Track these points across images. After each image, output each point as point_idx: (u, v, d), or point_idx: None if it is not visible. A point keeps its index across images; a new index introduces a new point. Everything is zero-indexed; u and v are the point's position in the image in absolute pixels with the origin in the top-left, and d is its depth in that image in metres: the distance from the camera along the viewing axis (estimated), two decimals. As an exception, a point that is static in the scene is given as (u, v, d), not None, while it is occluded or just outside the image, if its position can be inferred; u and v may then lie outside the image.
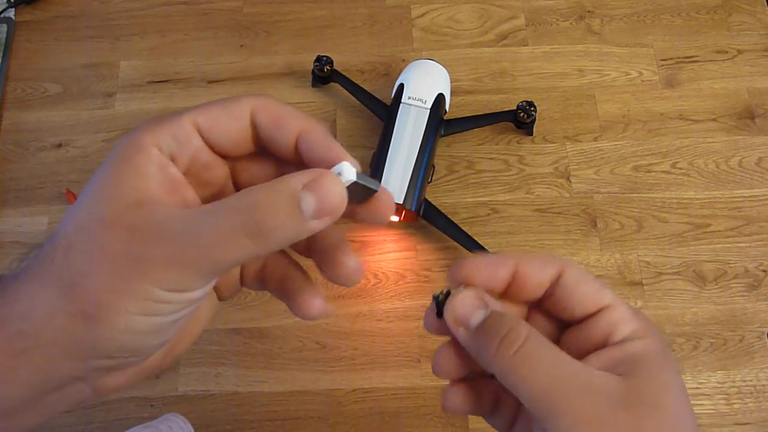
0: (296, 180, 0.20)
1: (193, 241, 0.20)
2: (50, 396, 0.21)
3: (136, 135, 0.21)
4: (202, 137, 0.23)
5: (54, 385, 0.21)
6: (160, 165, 0.21)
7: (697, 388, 0.54)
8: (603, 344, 0.24)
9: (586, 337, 0.25)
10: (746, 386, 0.54)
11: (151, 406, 0.52)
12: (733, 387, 0.54)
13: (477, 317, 0.24)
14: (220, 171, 0.24)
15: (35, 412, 0.22)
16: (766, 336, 0.55)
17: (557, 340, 0.26)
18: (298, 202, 0.20)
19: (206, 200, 0.24)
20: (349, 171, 0.21)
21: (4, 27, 0.67)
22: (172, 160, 0.22)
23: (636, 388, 0.22)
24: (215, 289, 0.27)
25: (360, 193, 0.23)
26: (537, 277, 0.25)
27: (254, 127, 0.23)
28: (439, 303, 0.26)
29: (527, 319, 0.27)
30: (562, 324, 0.26)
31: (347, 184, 0.21)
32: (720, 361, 0.54)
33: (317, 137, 0.23)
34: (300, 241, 0.21)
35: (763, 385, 0.54)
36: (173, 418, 0.48)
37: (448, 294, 0.26)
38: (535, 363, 0.22)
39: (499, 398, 0.27)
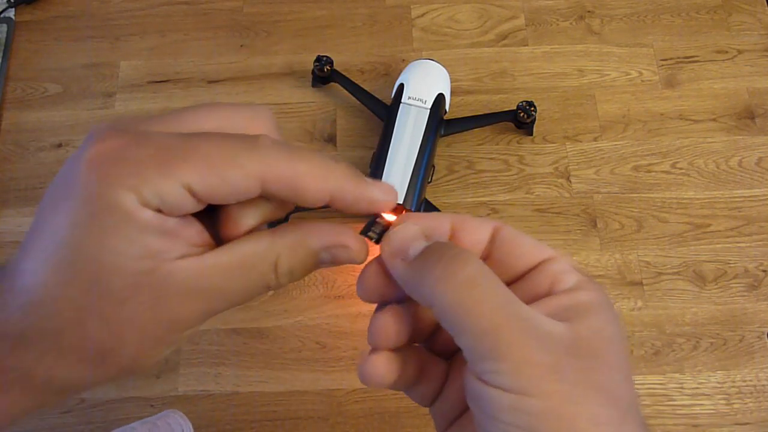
0: (319, 242, 0.22)
1: (219, 295, 0.21)
2: None
3: (117, 193, 0.18)
4: (194, 198, 0.20)
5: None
6: (155, 226, 0.19)
7: (697, 388, 0.54)
8: (547, 294, 0.22)
9: (530, 288, 0.23)
10: (746, 386, 0.54)
11: (151, 406, 0.52)
12: (733, 387, 0.54)
13: (417, 246, 0.22)
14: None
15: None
16: (766, 336, 0.55)
17: None
18: (317, 259, 0.22)
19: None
20: (375, 231, 0.24)
21: (4, 27, 0.67)
22: (160, 210, 0.19)
23: (583, 338, 0.21)
24: None
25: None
26: (474, 235, 0.24)
27: (264, 194, 0.21)
28: (376, 223, 0.24)
29: None
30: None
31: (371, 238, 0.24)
32: (720, 361, 0.54)
33: (351, 198, 0.22)
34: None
35: (763, 385, 0.54)
36: (172, 415, 0.48)
37: (384, 227, 0.24)
38: (483, 295, 0.20)
39: (424, 369, 0.25)
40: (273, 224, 0.23)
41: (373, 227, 0.24)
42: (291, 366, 0.54)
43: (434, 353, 0.26)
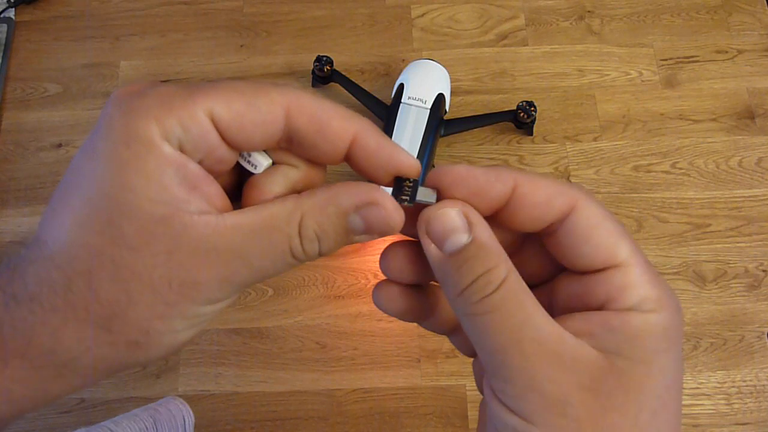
0: (349, 200, 0.20)
1: (241, 259, 0.19)
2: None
3: (138, 124, 0.18)
4: (219, 132, 0.19)
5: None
6: (176, 165, 0.18)
7: (697, 388, 0.54)
8: (599, 307, 0.20)
9: (582, 294, 0.20)
10: (746, 386, 0.54)
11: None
12: (733, 387, 0.54)
13: (455, 241, 0.19)
14: (231, 157, 0.20)
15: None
16: (766, 336, 0.55)
17: (549, 280, 0.22)
18: (347, 224, 0.20)
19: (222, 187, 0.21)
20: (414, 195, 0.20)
21: (4, 27, 0.67)
22: (182, 150, 0.19)
23: (615, 370, 0.18)
24: None
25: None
26: (539, 210, 0.20)
27: (288, 131, 0.20)
28: (404, 185, 0.21)
29: (514, 249, 0.23)
30: (556, 266, 0.22)
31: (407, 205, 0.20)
32: (720, 361, 0.54)
33: (374, 144, 0.20)
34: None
35: (763, 385, 0.54)
36: (173, 401, 0.48)
37: (415, 183, 0.21)
38: (504, 315, 0.19)
39: (437, 304, 0.23)
40: None
41: (404, 189, 0.21)
42: (291, 366, 0.54)
43: None
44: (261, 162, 0.20)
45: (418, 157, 0.54)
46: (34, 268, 0.18)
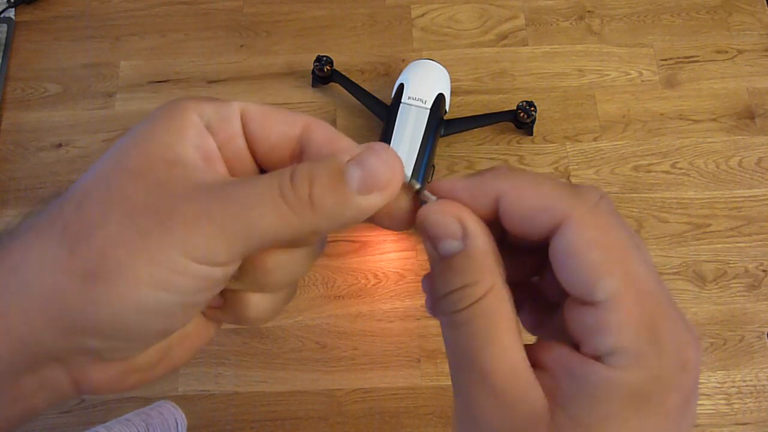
0: (344, 153, 0.19)
1: (228, 198, 0.17)
2: (24, 379, 0.18)
3: (179, 100, 0.20)
4: (244, 128, 0.20)
5: (27, 360, 0.18)
6: (199, 132, 0.19)
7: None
8: (576, 343, 0.18)
9: (568, 321, 0.19)
10: (746, 386, 0.54)
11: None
12: (733, 387, 0.54)
13: (447, 246, 0.19)
14: (250, 167, 0.21)
15: (7, 397, 0.18)
16: (766, 336, 0.55)
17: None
18: (342, 172, 0.18)
19: None
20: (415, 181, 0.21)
21: (4, 27, 0.67)
22: (210, 132, 0.20)
23: (554, 427, 0.17)
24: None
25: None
26: (523, 225, 0.19)
27: (302, 144, 0.20)
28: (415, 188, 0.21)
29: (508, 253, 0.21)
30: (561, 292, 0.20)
31: (414, 185, 0.21)
32: (720, 361, 0.54)
33: (323, 133, 0.21)
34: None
35: (763, 385, 0.54)
36: (165, 405, 0.48)
37: (420, 187, 0.21)
38: (469, 333, 0.18)
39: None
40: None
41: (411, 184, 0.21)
42: (291, 366, 0.54)
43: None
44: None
45: (418, 157, 0.54)
46: (52, 200, 0.19)
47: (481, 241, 0.19)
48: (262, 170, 0.21)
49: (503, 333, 0.18)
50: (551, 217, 0.18)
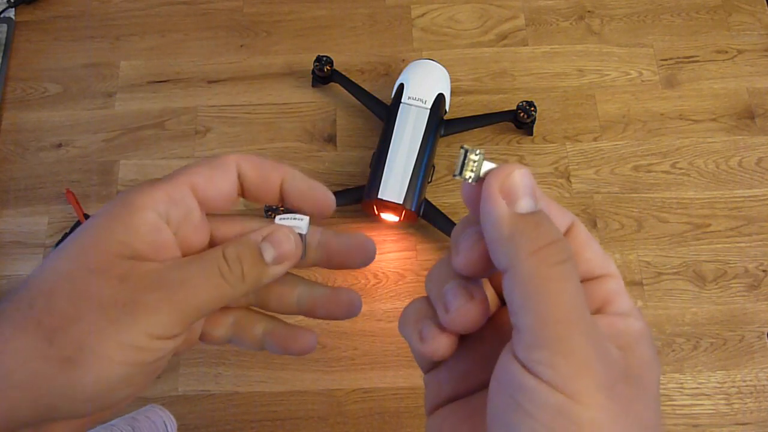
0: (257, 234, 0.24)
1: (179, 283, 0.22)
2: None
3: (132, 194, 0.22)
4: (196, 196, 0.24)
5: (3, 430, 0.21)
6: (154, 227, 0.22)
7: (697, 388, 0.54)
8: (598, 311, 0.21)
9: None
10: (746, 386, 0.54)
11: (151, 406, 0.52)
12: (733, 387, 0.54)
13: (528, 204, 0.20)
14: (204, 233, 0.25)
15: None
16: (766, 336, 0.55)
17: None
18: (259, 251, 0.24)
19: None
20: (300, 227, 0.25)
21: (4, 27, 0.67)
22: (167, 221, 0.23)
23: (633, 366, 0.20)
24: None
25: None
26: (557, 222, 0.22)
27: (240, 180, 0.25)
28: (471, 160, 0.21)
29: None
30: None
31: (301, 231, 0.25)
32: (720, 361, 0.54)
33: (299, 178, 0.25)
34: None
35: (763, 385, 0.54)
36: (152, 409, 0.47)
37: (482, 156, 0.22)
38: (573, 288, 0.19)
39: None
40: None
41: (470, 164, 0.22)
42: (291, 366, 0.54)
43: None
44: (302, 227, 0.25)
45: (418, 157, 0.54)
46: (12, 294, 0.21)
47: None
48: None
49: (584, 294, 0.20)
50: (569, 217, 0.23)
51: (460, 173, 0.22)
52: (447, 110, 0.59)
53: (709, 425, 0.53)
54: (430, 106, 0.56)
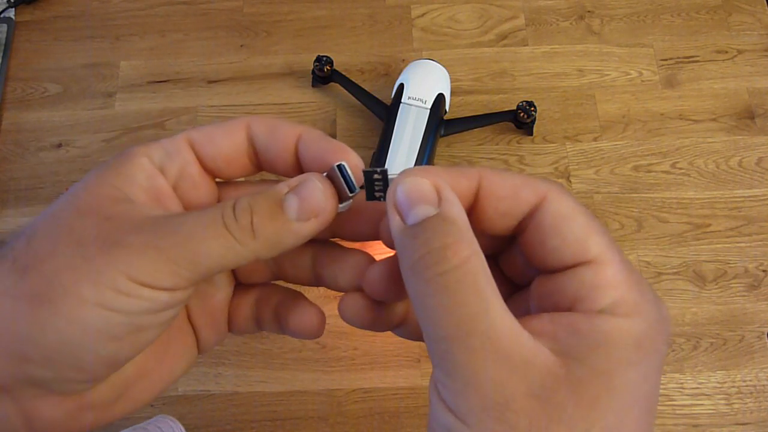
0: (281, 184, 0.20)
1: (173, 228, 0.19)
2: None
3: (129, 150, 0.21)
4: (195, 153, 0.22)
5: None
6: (149, 174, 0.21)
7: (697, 388, 0.54)
8: (569, 308, 0.18)
9: (552, 293, 0.19)
10: (746, 386, 0.54)
11: (151, 406, 0.52)
12: (733, 387, 0.54)
13: (419, 212, 0.18)
14: (208, 192, 0.23)
15: None
16: (766, 336, 0.55)
17: (527, 286, 0.21)
18: (281, 202, 0.20)
19: None
20: (345, 169, 0.21)
21: (4, 27, 0.67)
22: (162, 172, 0.21)
23: (571, 380, 0.16)
24: (196, 332, 0.24)
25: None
26: (506, 204, 0.19)
27: (250, 142, 0.22)
28: (374, 180, 0.20)
29: (494, 255, 0.22)
30: (528, 271, 0.21)
31: (347, 203, 0.21)
32: (720, 361, 0.54)
33: (316, 139, 0.22)
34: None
35: (763, 385, 0.54)
36: (163, 419, 0.47)
37: (383, 174, 0.20)
38: (457, 299, 0.17)
39: (408, 313, 0.23)
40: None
41: (375, 185, 0.21)
42: (291, 366, 0.54)
43: None
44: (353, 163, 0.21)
45: (417, 157, 0.54)
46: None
47: (458, 208, 0.19)
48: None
49: (496, 298, 0.17)
50: (534, 192, 0.19)
51: (372, 197, 0.21)
52: (447, 110, 0.59)
53: (709, 425, 0.53)
54: (430, 106, 0.56)
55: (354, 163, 0.21)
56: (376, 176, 0.20)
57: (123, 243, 0.18)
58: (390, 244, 0.20)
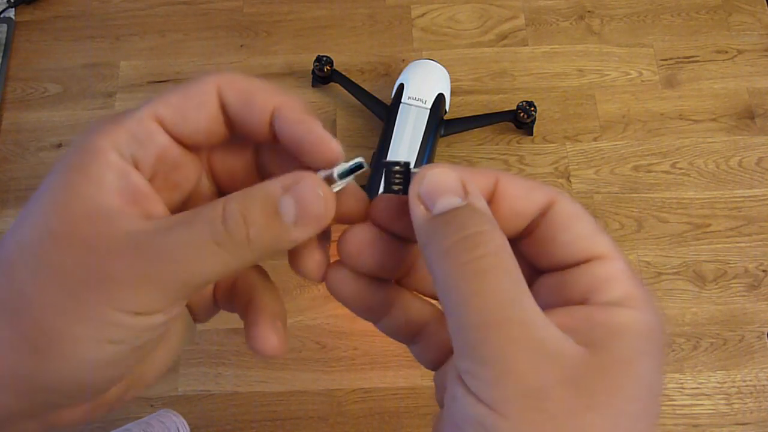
0: (275, 184, 0.18)
1: (161, 253, 0.17)
2: None
3: (90, 138, 0.19)
4: (167, 131, 0.20)
5: None
6: (120, 172, 0.18)
7: (697, 388, 0.54)
8: (581, 302, 0.19)
9: (563, 289, 0.19)
10: (746, 386, 0.54)
11: (151, 406, 0.52)
12: (733, 387, 0.54)
13: (447, 202, 0.18)
14: (191, 168, 0.21)
15: None
16: (766, 336, 0.55)
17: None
18: (276, 207, 0.18)
19: (178, 205, 0.21)
20: (341, 169, 0.19)
21: (4, 27, 0.67)
22: (136, 164, 0.19)
23: (600, 368, 0.16)
24: (189, 308, 0.24)
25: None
26: (521, 203, 0.20)
27: (223, 108, 0.20)
28: (394, 172, 0.20)
29: None
30: (528, 273, 0.21)
31: (338, 187, 0.19)
32: (720, 361, 0.54)
33: (293, 115, 0.20)
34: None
35: (763, 385, 0.54)
36: (167, 414, 0.48)
37: (406, 166, 0.20)
38: (493, 285, 0.17)
39: (395, 304, 0.22)
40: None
41: (394, 177, 0.20)
42: (291, 366, 0.54)
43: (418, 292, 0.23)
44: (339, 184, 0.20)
45: (417, 158, 0.54)
46: None
47: (483, 201, 0.19)
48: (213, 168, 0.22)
49: (527, 287, 0.17)
50: (545, 194, 0.20)
51: (387, 188, 0.20)
52: (447, 110, 0.59)
53: (709, 425, 0.53)
54: (430, 106, 0.56)
55: (337, 156, 0.20)
56: (397, 168, 0.20)
57: (110, 276, 0.17)
58: (380, 224, 0.21)
